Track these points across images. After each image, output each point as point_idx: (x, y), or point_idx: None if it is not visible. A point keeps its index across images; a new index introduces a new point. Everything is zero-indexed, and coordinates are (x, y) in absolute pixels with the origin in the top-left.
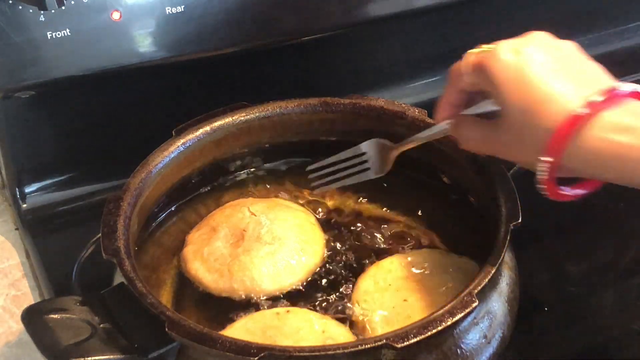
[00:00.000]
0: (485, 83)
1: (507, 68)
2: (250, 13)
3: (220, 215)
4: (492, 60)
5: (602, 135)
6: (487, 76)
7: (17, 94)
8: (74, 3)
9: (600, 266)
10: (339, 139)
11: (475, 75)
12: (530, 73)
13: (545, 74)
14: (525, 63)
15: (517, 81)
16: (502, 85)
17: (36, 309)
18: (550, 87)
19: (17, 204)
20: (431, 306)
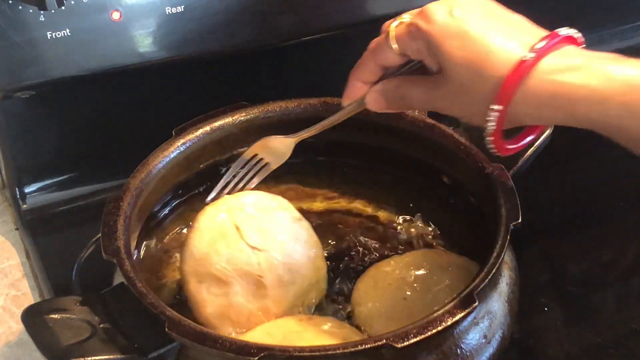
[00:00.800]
0: (419, 47)
1: (446, 28)
2: (250, 13)
3: (216, 255)
4: (428, 23)
5: (549, 78)
6: (424, 40)
7: (17, 94)
8: (74, 3)
9: (600, 266)
10: (339, 139)
11: (408, 42)
12: (470, 29)
13: (485, 28)
14: (462, 21)
15: (459, 38)
16: (443, 45)
17: (36, 309)
18: (492, 39)
19: (17, 204)
20: (430, 305)
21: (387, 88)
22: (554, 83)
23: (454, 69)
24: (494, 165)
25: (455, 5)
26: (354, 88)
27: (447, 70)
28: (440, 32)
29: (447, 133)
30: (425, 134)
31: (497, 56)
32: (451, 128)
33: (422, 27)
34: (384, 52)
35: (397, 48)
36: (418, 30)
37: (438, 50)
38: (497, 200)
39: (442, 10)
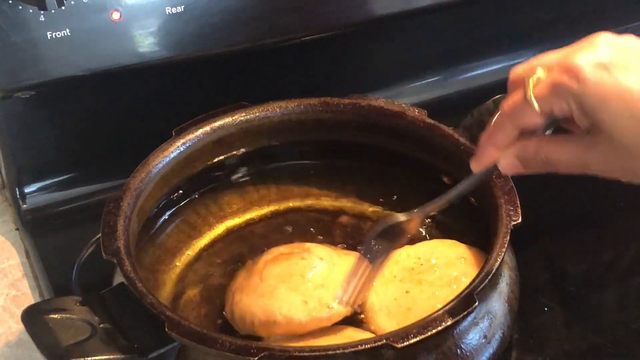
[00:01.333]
0: (569, 107)
1: (602, 86)
2: (250, 13)
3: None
4: (579, 83)
5: None
6: (575, 102)
7: (17, 94)
8: (74, 3)
9: (600, 266)
10: (339, 139)
11: (554, 102)
12: (633, 86)
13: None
14: (619, 75)
15: (621, 98)
16: (602, 108)
17: (36, 309)
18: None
19: (17, 204)
20: (431, 298)
21: (525, 152)
22: None
23: (619, 132)
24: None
25: (605, 55)
26: (488, 154)
27: (610, 133)
28: (596, 93)
29: (447, 133)
30: (425, 134)
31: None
32: (451, 128)
33: (572, 87)
34: (524, 114)
35: (540, 109)
36: (566, 91)
37: (596, 112)
38: (497, 200)
39: (591, 64)
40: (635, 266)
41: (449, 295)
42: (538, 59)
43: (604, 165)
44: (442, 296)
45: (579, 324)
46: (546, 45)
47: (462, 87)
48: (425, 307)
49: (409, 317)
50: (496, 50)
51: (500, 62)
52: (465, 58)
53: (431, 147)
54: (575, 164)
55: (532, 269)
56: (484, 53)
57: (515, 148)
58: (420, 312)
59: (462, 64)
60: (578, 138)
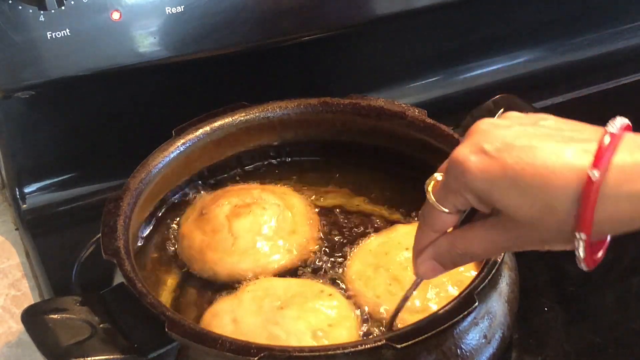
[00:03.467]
0: (468, 201)
1: (488, 171)
2: (250, 13)
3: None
4: (466, 175)
5: (625, 189)
6: (469, 192)
7: (17, 94)
8: (74, 3)
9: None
10: (339, 139)
11: (453, 200)
12: (515, 162)
13: (530, 155)
14: (500, 156)
15: (507, 177)
16: (491, 191)
17: (36, 309)
18: (544, 163)
19: (17, 204)
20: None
21: (439, 251)
22: (631, 194)
23: (514, 210)
24: None
25: (482, 141)
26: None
27: (507, 213)
28: (482, 180)
29: (446, 133)
30: (425, 134)
31: (558, 180)
32: (451, 128)
33: (460, 180)
34: (436, 218)
35: (446, 210)
36: (457, 185)
37: (488, 198)
38: None
39: (472, 154)
40: (635, 266)
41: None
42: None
43: (515, 242)
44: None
45: (579, 324)
46: (546, 45)
47: (462, 87)
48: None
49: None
50: (496, 50)
51: (500, 62)
52: (465, 58)
53: (431, 147)
54: (489, 248)
55: (532, 269)
56: (484, 53)
57: (429, 251)
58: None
59: (462, 64)
60: (484, 223)
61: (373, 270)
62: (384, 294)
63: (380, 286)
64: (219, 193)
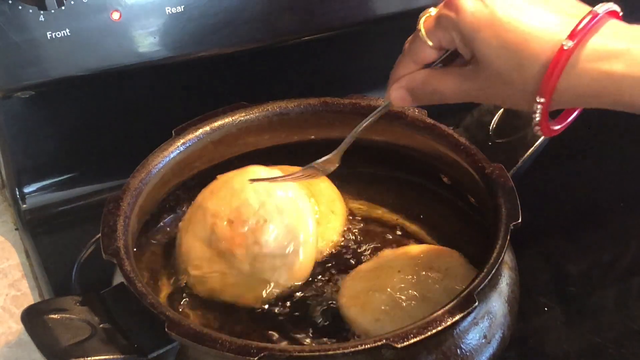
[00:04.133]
0: (452, 38)
1: (477, 16)
2: (251, 13)
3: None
4: (457, 13)
5: (591, 66)
6: (455, 31)
7: (17, 94)
8: (74, 3)
9: (600, 266)
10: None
11: (439, 34)
12: (503, 16)
13: (519, 12)
14: (493, 7)
15: (492, 27)
16: (475, 35)
17: (36, 309)
18: (528, 23)
19: (17, 204)
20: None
21: (413, 83)
22: (596, 72)
23: (490, 60)
24: (494, 165)
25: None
26: (395, 84)
27: (483, 61)
28: (470, 22)
29: (447, 133)
30: (425, 134)
31: (535, 43)
32: (451, 128)
33: (452, 17)
34: (419, 49)
35: (430, 42)
36: (447, 21)
37: (471, 41)
38: (497, 200)
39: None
40: (635, 266)
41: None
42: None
43: (482, 92)
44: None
45: (579, 324)
46: None
47: None
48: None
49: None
50: None
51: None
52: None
53: (431, 147)
54: (458, 93)
55: (532, 269)
56: None
57: (404, 80)
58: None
59: None
60: (462, 69)
61: (368, 295)
62: (383, 317)
63: (377, 309)
64: (248, 169)
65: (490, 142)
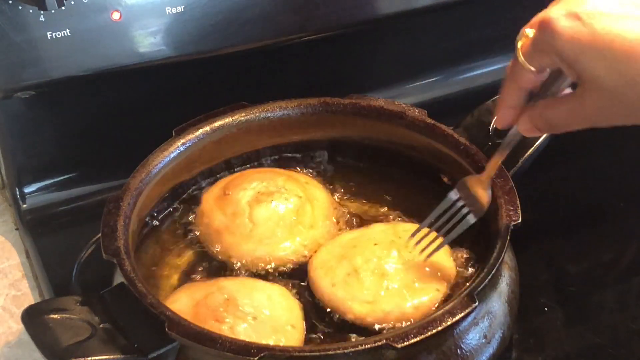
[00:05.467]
0: (553, 62)
1: (578, 37)
2: (251, 13)
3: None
4: (555, 36)
5: None
6: (556, 54)
7: (17, 94)
8: (74, 3)
9: (600, 266)
10: (339, 138)
11: (539, 59)
12: (605, 31)
13: (620, 25)
14: (592, 23)
15: (596, 45)
16: (579, 56)
17: (36, 309)
18: (633, 36)
19: (17, 204)
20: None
21: (533, 115)
22: None
23: (598, 80)
24: None
25: (576, 4)
26: (505, 115)
27: (591, 82)
28: (570, 44)
29: (447, 133)
30: (425, 134)
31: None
32: (451, 128)
33: (549, 40)
34: (521, 74)
35: (532, 68)
36: (545, 45)
37: (575, 63)
38: (497, 200)
39: (563, 16)
40: (635, 266)
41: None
42: (530, 22)
43: (601, 115)
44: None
45: (579, 324)
46: None
47: (462, 87)
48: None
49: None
50: (496, 50)
51: (500, 62)
52: (465, 58)
53: (431, 147)
54: (576, 120)
55: (532, 269)
56: (484, 53)
57: (526, 113)
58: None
59: (462, 64)
60: (571, 95)
61: (337, 261)
62: (340, 283)
63: (338, 276)
64: (245, 173)
65: (490, 142)
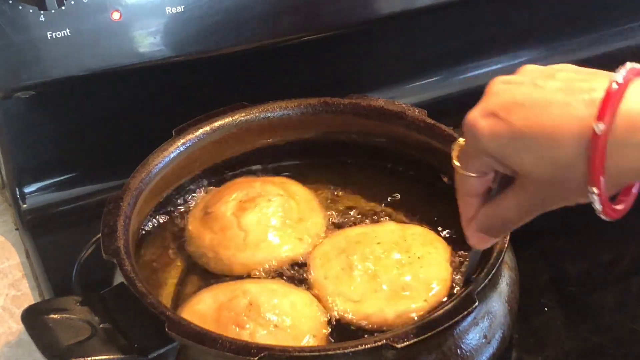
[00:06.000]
0: (487, 164)
1: (498, 133)
2: (251, 13)
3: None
4: (478, 138)
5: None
6: (485, 155)
7: (17, 94)
8: (74, 3)
9: (600, 266)
10: (339, 139)
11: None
12: (521, 123)
13: (535, 113)
14: (508, 117)
15: (515, 138)
16: (504, 152)
17: (36, 309)
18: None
19: (17, 204)
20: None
21: (482, 224)
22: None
23: (528, 170)
24: None
25: (492, 102)
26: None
27: (524, 174)
28: (492, 142)
29: (447, 133)
30: (425, 134)
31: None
32: (451, 128)
33: (474, 144)
34: (466, 184)
35: (472, 174)
36: (473, 149)
37: (503, 159)
38: None
39: (481, 116)
40: (635, 266)
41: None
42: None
43: (542, 203)
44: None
45: (579, 324)
46: (546, 45)
47: (462, 87)
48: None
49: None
50: (496, 50)
51: (500, 62)
52: (465, 58)
53: (431, 147)
54: (522, 212)
55: (532, 269)
56: (484, 53)
57: (474, 224)
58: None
59: (462, 64)
60: (512, 189)
61: (336, 254)
62: (332, 277)
63: (332, 269)
64: (220, 189)
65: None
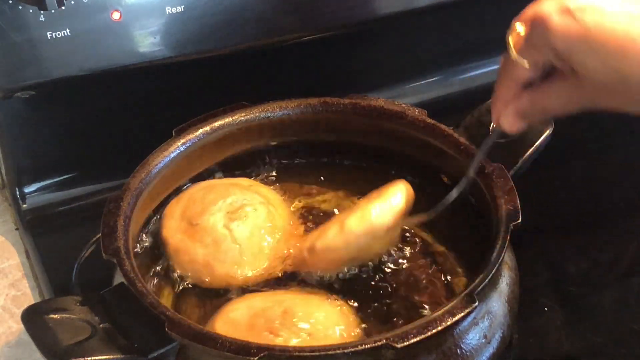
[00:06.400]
0: (547, 56)
1: (571, 33)
2: (250, 13)
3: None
4: (549, 32)
5: None
6: (549, 49)
7: (17, 94)
8: (74, 3)
9: (600, 266)
10: (339, 139)
11: (533, 55)
12: (596, 28)
13: (612, 21)
14: (584, 19)
15: (587, 41)
16: (572, 51)
17: (36, 309)
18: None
19: (17, 204)
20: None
21: (521, 107)
22: None
23: (591, 74)
24: (494, 165)
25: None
26: (498, 110)
27: (585, 75)
28: (563, 39)
29: (447, 133)
30: (425, 134)
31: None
32: (451, 128)
33: (542, 37)
34: (514, 69)
35: (525, 62)
36: (539, 40)
37: (568, 57)
38: (497, 200)
39: (556, 12)
40: (635, 266)
41: None
42: (519, 15)
43: (592, 102)
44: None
45: (579, 324)
46: None
47: (462, 87)
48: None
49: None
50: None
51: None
52: (465, 58)
53: (431, 147)
54: (569, 105)
55: (532, 269)
56: (484, 53)
57: (512, 105)
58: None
59: (462, 64)
60: (565, 83)
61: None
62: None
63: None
64: (190, 197)
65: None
